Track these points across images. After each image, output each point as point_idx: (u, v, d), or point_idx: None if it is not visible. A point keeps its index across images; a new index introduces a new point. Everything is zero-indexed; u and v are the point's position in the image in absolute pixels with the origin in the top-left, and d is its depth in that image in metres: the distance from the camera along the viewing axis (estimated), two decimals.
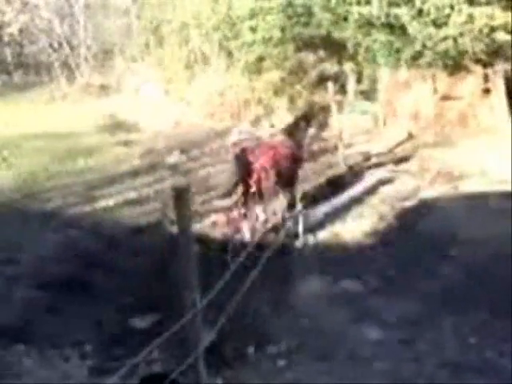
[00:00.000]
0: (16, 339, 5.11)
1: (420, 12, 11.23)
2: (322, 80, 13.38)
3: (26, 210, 8.52)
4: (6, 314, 5.52)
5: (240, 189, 7.27)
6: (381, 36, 11.96)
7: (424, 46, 11.31)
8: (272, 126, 13.47)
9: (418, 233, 7.54)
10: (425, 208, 8.41)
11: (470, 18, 10.78)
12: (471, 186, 9.13)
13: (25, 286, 6.08)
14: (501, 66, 11.73)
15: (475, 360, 4.74)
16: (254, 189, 7.14)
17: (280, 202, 7.71)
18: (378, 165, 10.51)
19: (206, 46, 15.44)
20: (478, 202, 8.39)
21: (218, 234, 7.73)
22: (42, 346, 5.04)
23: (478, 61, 11.79)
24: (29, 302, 5.77)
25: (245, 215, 7.39)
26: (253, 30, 14.28)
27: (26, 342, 5.10)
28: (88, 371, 4.73)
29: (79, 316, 5.55)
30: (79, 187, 9.66)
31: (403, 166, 10.33)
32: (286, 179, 7.53)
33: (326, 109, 10.40)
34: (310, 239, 7.59)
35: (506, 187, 8.55)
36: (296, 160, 7.72)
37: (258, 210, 7.49)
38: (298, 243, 7.47)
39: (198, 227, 7.48)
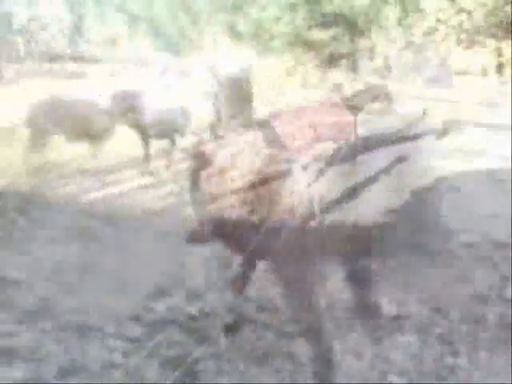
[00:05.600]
0: None
1: None
2: (334, 58, 13.25)
3: None
4: None
5: None
6: (393, 12, 11.83)
7: (438, 19, 11.17)
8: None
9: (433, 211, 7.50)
10: (441, 185, 8.34)
11: None
12: (484, 163, 9.02)
13: None
14: None
15: None
16: None
17: None
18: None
19: (215, 26, 15.31)
20: (495, 178, 8.30)
21: None
22: None
23: (491, 35, 11.63)
24: None
25: None
26: (263, 8, 14.15)
27: None
28: None
29: None
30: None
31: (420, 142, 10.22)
32: None
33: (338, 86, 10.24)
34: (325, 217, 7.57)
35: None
36: None
37: None
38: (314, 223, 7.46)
39: None
